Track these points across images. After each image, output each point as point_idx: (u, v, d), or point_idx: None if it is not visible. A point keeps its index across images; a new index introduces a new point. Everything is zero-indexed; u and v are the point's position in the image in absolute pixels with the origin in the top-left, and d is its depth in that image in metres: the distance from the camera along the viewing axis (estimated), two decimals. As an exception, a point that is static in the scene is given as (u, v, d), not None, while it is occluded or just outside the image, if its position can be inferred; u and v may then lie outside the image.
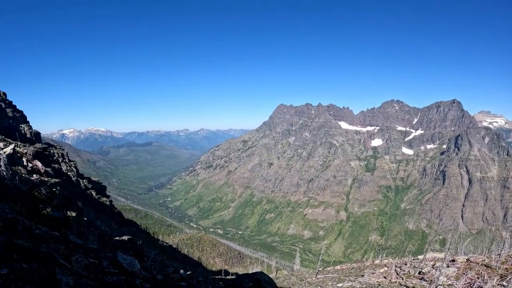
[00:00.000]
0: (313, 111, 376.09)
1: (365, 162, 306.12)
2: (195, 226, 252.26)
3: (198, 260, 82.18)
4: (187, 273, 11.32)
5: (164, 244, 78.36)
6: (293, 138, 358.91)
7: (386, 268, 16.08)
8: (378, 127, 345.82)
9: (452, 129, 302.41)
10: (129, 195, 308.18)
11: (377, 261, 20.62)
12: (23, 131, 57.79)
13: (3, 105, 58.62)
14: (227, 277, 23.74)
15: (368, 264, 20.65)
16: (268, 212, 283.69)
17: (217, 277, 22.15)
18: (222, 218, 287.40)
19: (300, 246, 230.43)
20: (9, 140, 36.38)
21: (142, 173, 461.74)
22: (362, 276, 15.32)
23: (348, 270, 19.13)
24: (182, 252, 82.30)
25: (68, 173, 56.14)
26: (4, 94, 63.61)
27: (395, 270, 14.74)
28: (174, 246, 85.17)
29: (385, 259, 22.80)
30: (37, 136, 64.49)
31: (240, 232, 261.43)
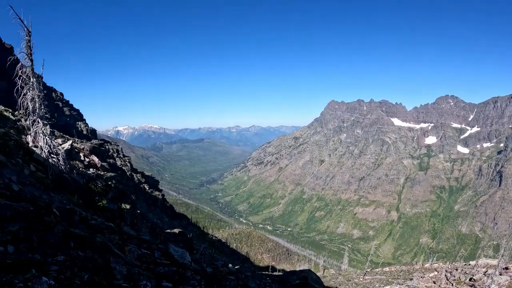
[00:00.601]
0: (365, 107, 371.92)
1: (418, 161, 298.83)
2: (244, 221, 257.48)
3: (246, 255, 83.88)
4: (236, 267, 11.37)
5: (213, 238, 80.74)
6: (345, 135, 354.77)
7: (436, 273, 15.77)
8: (432, 124, 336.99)
9: (510, 126, 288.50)
10: (181, 190, 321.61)
11: (427, 265, 20.26)
12: (79, 128, 62.13)
13: (61, 104, 63.43)
14: (274, 273, 23.74)
15: (418, 267, 20.38)
16: (318, 209, 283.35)
17: (264, 272, 22.22)
18: (271, 215, 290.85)
19: (349, 245, 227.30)
20: (67, 136, 39.15)
21: (194, 169, 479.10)
22: (411, 279, 15.18)
23: (396, 272, 18.78)
24: (230, 247, 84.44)
25: (123, 168, 59.51)
26: (61, 94, 68.87)
27: (445, 276, 14.44)
28: (223, 241, 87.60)
29: (435, 263, 22.56)
30: (93, 132, 69.05)
31: (289, 229, 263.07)
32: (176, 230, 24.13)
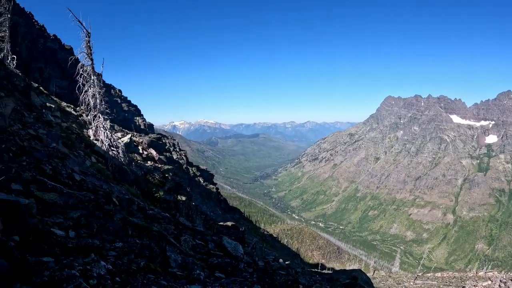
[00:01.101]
0: (422, 103, 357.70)
1: (478, 161, 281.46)
2: (297, 217, 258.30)
3: (297, 252, 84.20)
4: (286, 262, 11.39)
5: (265, 232, 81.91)
6: (401, 132, 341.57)
7: (489, 282, 15.06)
8: (493, 122, 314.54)
9: None
10: (235, 184, 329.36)
11: (481, 273, 19.25)
12: (137, 123, 65.73)
13: (119, 101, 67.55)
14: (323, 271, 23.56)
15: (471, 275, 19.45)
16: (371, 208, 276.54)
17: (313, 270, 22.12)
18: (324, 212, 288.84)
19: (401, 247, 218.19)
20: (126, 130, 41.57)
21: (248, 164, 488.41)
22: (463, 287, 14.69)
23: (448, 279, 18.04)
24: (281, 242, 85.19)
25: (179, 161, 62.02)
26: (120, 91, 73.36)
27: (499, 286, 13.77)
28: (275, 236, 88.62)
29: (490, 271, 21.55)
30: (150, 127, 72.64)
31: (341, 227, 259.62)
32: (229, 223, 24.72)
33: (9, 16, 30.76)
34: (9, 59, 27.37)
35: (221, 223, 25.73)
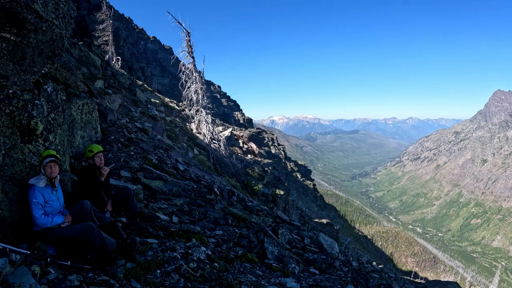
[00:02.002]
0: None
1: None
2: (393, 220, 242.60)
3: (390, 256, 79.35)
4: (379, 266, 10.85)
5: (359, 233, 79.07)
6: None
7: None
8: None
9: None
10: (332, 181, 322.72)
11: None
12: (236, 118, 68.55)
13: (219, 96, 71.34)
14: (416, 280, 21.71)
15: None
16: (474, 216, 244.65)
17: (406, 277, 20.65)
18: (423, 216, 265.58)
19: (503, 263, 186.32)
20: (227, 124, 43.65)
21: (347, 160, 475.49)
22: None
23: None
24: (375, 244, 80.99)
25: (278, 156, 63.08)
26: (219, 86, 77.48)
27: None
28: (369, 237, 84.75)
29: None
30: (249, 122, 75.16)
31: (439, 234, 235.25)
32: (324, 220, 24.38)
33: (110, 21, 34.58)
34: (114, 60, 30.79)
35: (316, 220, 25.54)
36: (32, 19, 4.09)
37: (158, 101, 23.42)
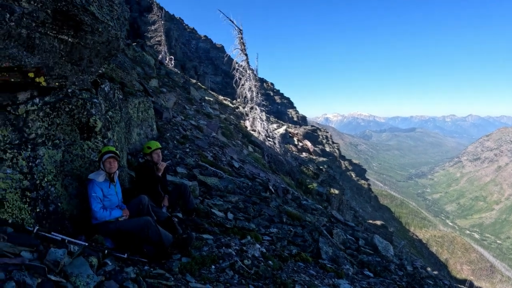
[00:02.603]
0: None
1: None
2: (450, 224, 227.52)
3: (445, 262, 74.58)
4: (434, 272, 10.26)
5: (414, 236, 75.48)
6: None
7: None
8: None
9: None
10: (387, 181, 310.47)
11: None
12: (290, 115, 68.26)
13: (272, 94, 71.40)
14: None
15: None
16: None
17: (461, 286, 19.43)
18: (481, 221, 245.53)
19: None
20: (281, 122, 43.57)
21: (403, 160, 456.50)
22: None
23: None
24: (430, 249, 76.71)
25: (334, 154, 61.93)
26: (272, 84, 77.58)
27: None
28: (424, 241, 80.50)
29: None
30: (303, 119, 74.53)
31: (498, 242, 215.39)
32: (378, 222, 23.50)
33: (162, 22, 35.85)
34: (167, 59, 31.81)
35: (369, 221, 24.69)
36: (88, 21, 4.23)
37: (212, 99, 23.88)
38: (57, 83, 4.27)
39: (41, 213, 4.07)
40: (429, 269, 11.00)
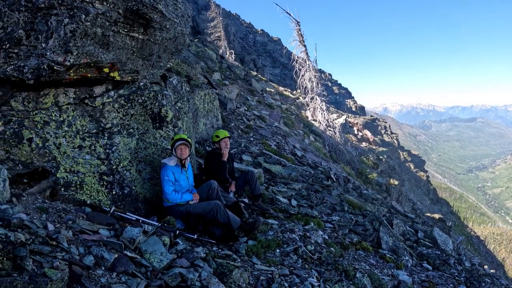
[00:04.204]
0: None
1: None
2: (510, 221, 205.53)
3: (502, 262, 67.64)
4: (491, 271, 9.41)
5: (472, 232, 69.99)
6: None
7: None
8: None
9: None
10: (446, 173, 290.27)
11: None
12: (348, 105, 66.34)
13: (330, 84, 69.82)
14: None
15: None
16: None
17: None
18: None
19: None
20: (340, 112, 42.51)
21: (463, 151, 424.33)
22: None
23: None
24: (487, 247, 70.28)
25: (393, 144, 59.34)
26: (329, 74, 75.84)
27: None
28: (481, 238, 74.09)
29: None
30: (361, 109, 72.08)
31: None
32: (436, 216, 22.24)
33: (220, 18, 36.34)
34: (228, 54, 32.15)
35: (428, 214, 23.32)
36: (157, 19, 4.36)
37: (272, 90, 23.83)
38: (129, 77, 4.49)
39: (117, 195, 4.35)
40: (486, 267, 10.31)
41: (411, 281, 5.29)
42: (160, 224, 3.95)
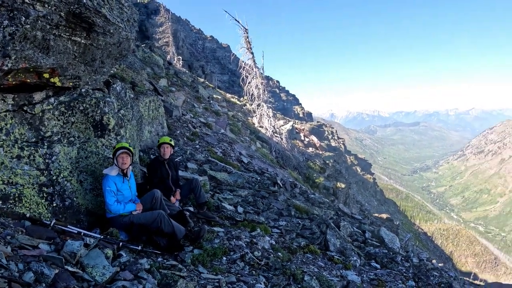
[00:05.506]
0: None
1: None
2: (455, 217, 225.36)
3: (450, 255, 74.36)
4: (439, 264, 10.33)
5: (419, 230, 75.54)
6: None
7: None
8: None
9: None
10: (392, 175, 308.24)
11: None
12: (296, 112, 68.25)
13: (277, 91, 71.53)
14: (475, 281, 20.78)
15: None
16: None
17: (465, 278, 20.00)
18: (486, 214, 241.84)
19: None
20: (287, 118, 43.52)
21: (407, 154, 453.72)
22: None
23: None
24: (435, 242, 76.53)
25: (339, 149, 61.83)
26: (277, 81, 77.79)
27: None
28: (429, 235, 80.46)
29: None
30: (308, 115, 74.38)
31: (503, 234, 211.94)
32: (384, 215, 23.66)
33: (169, 24, 36.04)
34: (175, 60, 31.89)
35: (375, 215, 24.83)
36: (100, 23, 4.27)
37: (219, 97, 23.91)
38: (71, 83, 4.36)
39: (58, 207, 4.18)
40: (434, 261, 11.03)
41: (360, 280, 5.53)
42: (102, 236, 3.86)
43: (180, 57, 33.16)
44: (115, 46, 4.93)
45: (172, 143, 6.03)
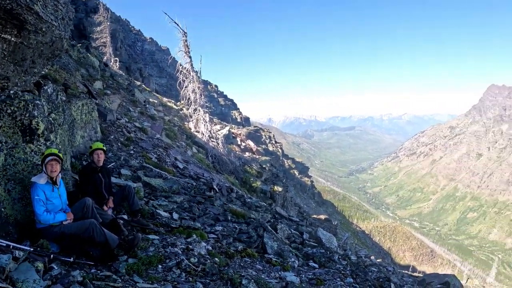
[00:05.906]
0: None
1: None
2: (391, 215, 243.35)
3: (388, 251, 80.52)
4: (378, 260, 11.16)
5: (357, 228, 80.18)
6: (507, 125, 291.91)
7: None
8: None
9: None
10: (329, 177, 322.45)
11: None
12: (234, 116, 68.80)
13: (216, 96, 71.65)
14: (414, 273, 22.80)
15: None
16: (470, 210, 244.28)
17: (404, 271, 21.72)
18: (420, 211, 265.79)
19: (499, 256, 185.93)
20: (225, 123, 43.66)
21: (344, 157, 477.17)
22: None
23: None
24: (373, 239, 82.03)
25: (276, 153, 63.28)
26: (216, 86, 77.88)
27: None
28: (367, 232, 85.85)
29: None
30: (246, 120, 75.32)
31: (437, 229, 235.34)
32: (322, 216, 24.75)
33: (108, 23, 34.67)
34: (112, 61, 30.76)
35: (314, 216, 25.87)
36: (32, 20, 4.08)
37: (156, 101, 23.41)
38: (-1, 84, 4.09)
39: (-16, 219, 3.86)
40: (372, 257, 11.72)
41: (298, 280, 5.70)
42: (32, 249, 3.66)
43: (118, 59, 31.92)
44: (48, 45, 4.73)
45: (105, 148, 5.87)
